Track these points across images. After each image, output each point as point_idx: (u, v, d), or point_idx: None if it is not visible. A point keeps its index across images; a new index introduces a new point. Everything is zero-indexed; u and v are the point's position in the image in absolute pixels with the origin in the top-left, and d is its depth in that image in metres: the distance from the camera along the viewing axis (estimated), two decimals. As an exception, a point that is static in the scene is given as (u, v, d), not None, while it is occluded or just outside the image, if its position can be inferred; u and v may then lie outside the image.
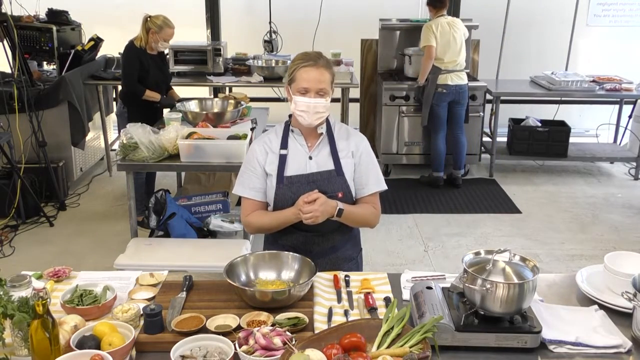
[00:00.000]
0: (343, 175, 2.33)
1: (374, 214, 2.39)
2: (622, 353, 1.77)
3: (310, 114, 2.25)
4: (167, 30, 4.61)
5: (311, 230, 2.33)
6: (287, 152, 2.34)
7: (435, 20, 5.49)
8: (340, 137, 2.38)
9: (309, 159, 2.34)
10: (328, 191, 2.29)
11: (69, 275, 2.21)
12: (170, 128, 3.72)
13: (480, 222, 5.12)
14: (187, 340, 1.73)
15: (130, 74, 4.62)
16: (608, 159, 6.48)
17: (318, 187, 2.29)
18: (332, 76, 2.29)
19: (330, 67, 2.29)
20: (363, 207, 2.37)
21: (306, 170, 2.32)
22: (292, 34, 6.48)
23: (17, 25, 5.08)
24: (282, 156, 2.33)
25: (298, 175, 2.31)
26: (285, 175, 2.31)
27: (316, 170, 2.32)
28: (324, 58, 2.30)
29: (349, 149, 2.36)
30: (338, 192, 2.31)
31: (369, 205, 2.38)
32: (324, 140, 2.36)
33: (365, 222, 2.40)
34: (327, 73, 2.26)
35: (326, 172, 2.32)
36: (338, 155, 2.34)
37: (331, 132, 2.37)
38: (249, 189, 2.36)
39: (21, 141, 4.95)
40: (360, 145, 2.38)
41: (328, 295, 2.09)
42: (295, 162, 2.33)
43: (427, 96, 5.61)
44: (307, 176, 2.31)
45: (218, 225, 4.03)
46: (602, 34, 7.23)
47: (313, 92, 2.23)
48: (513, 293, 1.75)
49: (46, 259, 4.31)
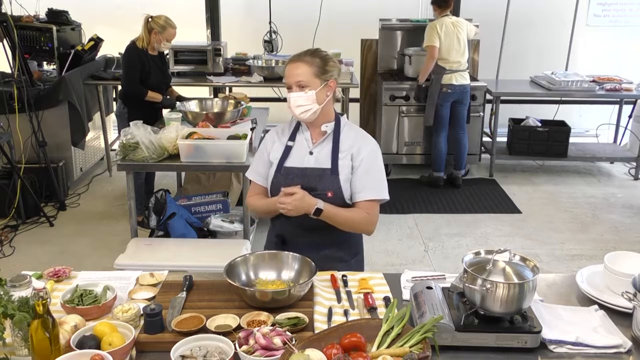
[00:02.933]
0: (337, 175, 2.32)
1: (366, 220, 2.33)
2: (622, 353, 1.77)
3: (293, 107, 2.29)
4: (170, 31, 4.61)
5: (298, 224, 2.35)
6: (293, 144, 2.40)
7: (440, 19, 5.50)
8: (347, 138, 2.37)
9: (309, 154, 2.36)
10: (318, 189, 2.29)
11: (69, 275, 2.21)
12: (170, 128, 3.72)
13: (480, 222, 5.12)
14: (187, 340, 1.73)
15: (132, 75, 4.61)
16: (608, 159, 6.48)
17: (309, 182, 2.30)
18: (318, 68, 2.27)
19: (314, 59, 2.28)
20: (353, 212, 2.33)
21: (303, 164, 2.35)
22: (292, 34, 6.48)
23: (17, 25, 5.08)
24: (287, 147, 2.40)
25: (295, 168, 2.35)
26: (285, 165, 2.37)
27: (312, 166, 2.34)
28: (310, 51, 2.32)
29: (350, 151, 2.35)
30: (327, 191, 2.30)
31: (362, 211, 2.32)
32: (329, 139, 2.37)
33: (353, 226, 2.36)
34: (305, 66, 2.26)
35: (321, 170, 2.33)
36: (338, 155, 2.34)
37: (338, 132, 2.37)
38: (255, 173, 2.48)
39: (21, 141, 4.95)
40: (364, 150, 2.35)
41: (328, 295, 2.09)
42: (297, 155, 2.38)
43: (432, 96, 5.60)
44: (302, 170, 2.34)
45: (218, 225, 4.03)
46: (602, 34, 7.23)
47: (293, 87, 2.29)
48: (513, 293, 1.75)
49: (46, 259, 4.31)
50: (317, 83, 2.28)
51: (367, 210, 2.33)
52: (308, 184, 2.29)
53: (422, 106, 5.87)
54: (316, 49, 2.37)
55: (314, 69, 2.27)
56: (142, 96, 4.62)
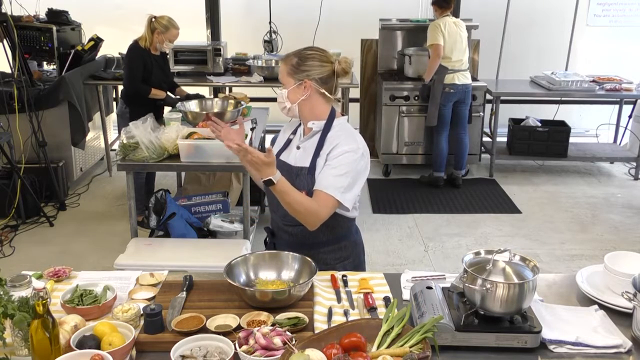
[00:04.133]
0: (313, 175, 2.28)
1: (314, 210, 2.18)
2: (622, 353, 1.77)
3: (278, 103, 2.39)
4: (173, 31, 4.62)
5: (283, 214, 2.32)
6: (292, 138, 2.44)
7: (442, 19, 5.49)
8: (332, 139, 2.30)
9: (297, 148, 2.39)
10: (295, 186, 2.22)
11: (69, 275, 2.21)
12: (171, 128, 3.73)
13: (480, 222, 5.12)
14: (187, 340, 1.73)
15: (135, 74, 4.61)
16: (608, 159, 6.48)
17: (289, 178, 2.22)
18: (290, 67, 2.29)
19: (290, 58, 2.31)
20: (305, 198, 2.20)
21: (289, 159, 2.38)
22: (292, 34, 6.47)
23: (17, 25, 5.08)
24: (288, 140, 2.45)
25: (282, 160, 2.38)
26: (279, 157, 2.39)
27: (293, 163, 2.35)
28: (291, 53, 2.34)
29: (328, 151, 2.28)
30: (302, 190, 2.24)
31: (313, 200, 2.20)
32: (315, 137, 2.33)
33: (299, 209, 2.18)
34: (282, 64, 2.34)
35: (299, 169, 2.31)
36: (318, 154, 2.30)
37: (327, 131, 2.32)
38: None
39: (21, 141, 4.95)
40: (338, 149, 2.26)
41: (328, 295, 2.09)
42: (291, 148, 2.41)
43: (435, 96, 5.59)
44: (284, 164, 2.35)
45: (218, 225, 4.03)
46: (602, 34, 7.23)
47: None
48: (513, 293, 1.75)
49: (46, 259, 4.31)
50: (290, 82, 2.29)
51: (319, 202, 2.19)
52: (288, 179, 2.21)
53: (423, 106, 5.87)
54: (306, 48, 2.34)
55: (288, 68, 2.30)
56: (145, 94, 4.62)
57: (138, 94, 4.65)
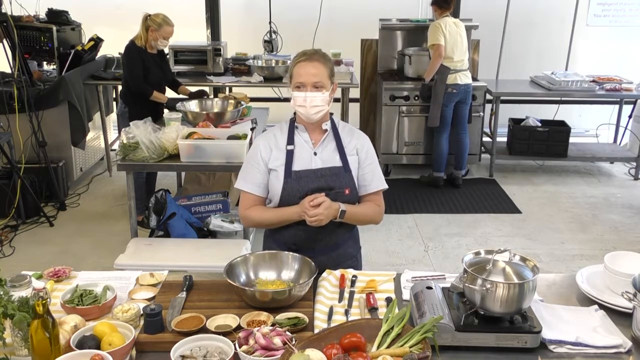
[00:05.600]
0: (350, 172, 2.34)
1: (378, 212, 2.42)
2: (622, 353, 1.77)
3: (307, 107, 2.26)
4: (167, 28, 4.61)
5: (312, 230, 2.32)
6: (293, 148, 2.35)
7: (442, 19, 5.49)
8: (345, 135, 2.40)
9: (314, 155, 2.35)
10: (335, 187, 2.30)
11: (69, 275, 2.21)
12: (171, 128, 3.72)
13: (480, 222, 5.12)
14: (187, 340, 1.73)
15: (135, 73, 4.60)
16: (608, 159, 6.48)
17: (326, 182, 2.30)
18: (330, 70, 2.30)
19: (327, 61, 2.30)
20: (367, 206, 2.40)
21: (311, 166, 2.33)
22: (292, 34, 6.48)
23: (17, 25, 5.08)
24: (289, 152, 2.34)
25: (306, 170, 2.32)
26: (294, 169, 2.32)
27: (321, 166, 2.33)
28: (319, 52, 2.32)
29: (354, 146, 2.38)
30: (345, 189, 2.32)
31: (372, 204, 2.41)
32: (329, 137, 2.37)
33: (370, 220, 2.44)
34: (321, 66, 2.27)
35: (335, 168, 2.33)
36: (345, 152, 2.36)
37: (336, 129, 2.39)
38: (251, 184, 2.36)
39: (21, 141, 4.95)
40: (365, 144, 2.41)
41: (330, 294, 2.08)
42: (301, 157, 2.34)
43: (437, 97, 5.57)
44: (315, 171, 2.32)
45: (218, 225, 4.03)
46: (602, 34, 7.23)
47: (309, 86, 2.25)
48: (513, 293, 1.75)
49: (46, 259, 4.31)
50: (328, 84, 2.30)
51: (376, 202, 2.41)
52: (325, 184, 2.29)
53: (423, 106, 5.87)
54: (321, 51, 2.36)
55: (328, 71, 2.29)
56: (147, 95, 4.62)
57: (141, 92, 4.64)
